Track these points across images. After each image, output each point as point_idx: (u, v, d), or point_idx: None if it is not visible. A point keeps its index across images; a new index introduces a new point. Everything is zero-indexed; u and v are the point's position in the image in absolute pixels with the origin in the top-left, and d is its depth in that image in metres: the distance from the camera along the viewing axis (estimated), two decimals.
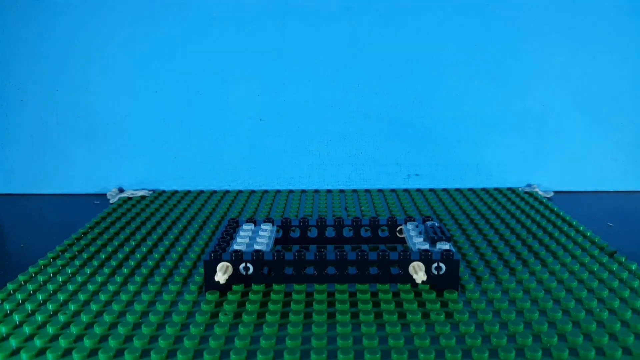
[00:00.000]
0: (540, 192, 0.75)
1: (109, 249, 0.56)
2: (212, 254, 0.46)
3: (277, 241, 0.55)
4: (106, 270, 0.51)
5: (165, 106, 0.75)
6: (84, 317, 0.43)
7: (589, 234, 0.59)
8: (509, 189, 0.77)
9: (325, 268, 0.47)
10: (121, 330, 0.41)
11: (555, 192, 0.76)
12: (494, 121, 0.75)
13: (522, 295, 0.45)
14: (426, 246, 0.49)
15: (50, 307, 0.44)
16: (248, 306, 0.44)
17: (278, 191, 0.77)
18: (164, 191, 0.77)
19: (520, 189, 0.76)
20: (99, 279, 0.49)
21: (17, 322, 0.42)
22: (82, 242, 0.58)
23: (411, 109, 0.75)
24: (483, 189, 0.77)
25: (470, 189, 0.77)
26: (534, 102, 0.75)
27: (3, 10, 0.72)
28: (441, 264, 0.46)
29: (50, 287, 0.47)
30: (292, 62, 0.74)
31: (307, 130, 0.76)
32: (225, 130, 0.76)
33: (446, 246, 0.48)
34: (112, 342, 0.39)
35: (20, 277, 0.49)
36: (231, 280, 0.46)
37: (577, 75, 0.74)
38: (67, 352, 0.39)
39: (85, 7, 0.72)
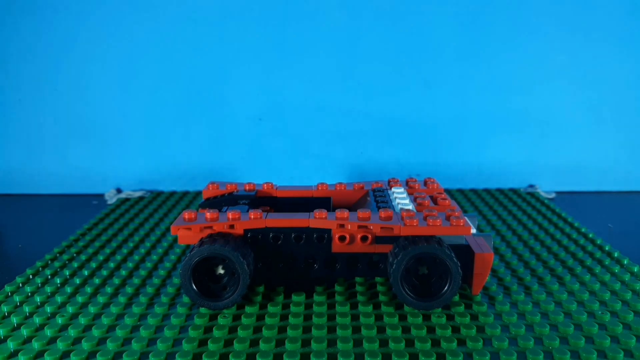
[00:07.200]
0: (542, 193, 0.74)
1: (107, 250, 0.56)
2: None
3: None
4: (104, 272, 0.51)
5: (164, 106, 0.75)
6: (82, 320, 0.42)
7: (591, 235, 0.59)
8: (511, 189, 0.76)
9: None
10: (119, 332, 0.41)
11: (558, 193, 0.76)
12: (496, 121, 0.75)
13: (524, 298, 0.45)
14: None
15: (48, 309, 0.44)
16: (247, 308, 0.44)
17: None
18: (162, 192, 0.77)
19: (522, 190, 0.76)
20: (96, 280, 0.49)
21: (15, 325, 0.42)
22: (80, 243, 0.58)
23: (412, 108, 0.75)
24: (485, 190, 0.76)
25: (472, 190, 0.77)
26: (535, 102, 0.74)
27: (0, 10, 0.72)
28: None
29: (48, 289, 0.47)
30: (292, 62, 0.74)
31: (307, 130, 0.76)
32: (225, 130, 0.75)
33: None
34: (110, 345, 0.39)
35: (18, 279, 0.49)
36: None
37: (580, 75, 0.73)
38: (65, 354, 0.38)
39: (83, 6, 0.72)
